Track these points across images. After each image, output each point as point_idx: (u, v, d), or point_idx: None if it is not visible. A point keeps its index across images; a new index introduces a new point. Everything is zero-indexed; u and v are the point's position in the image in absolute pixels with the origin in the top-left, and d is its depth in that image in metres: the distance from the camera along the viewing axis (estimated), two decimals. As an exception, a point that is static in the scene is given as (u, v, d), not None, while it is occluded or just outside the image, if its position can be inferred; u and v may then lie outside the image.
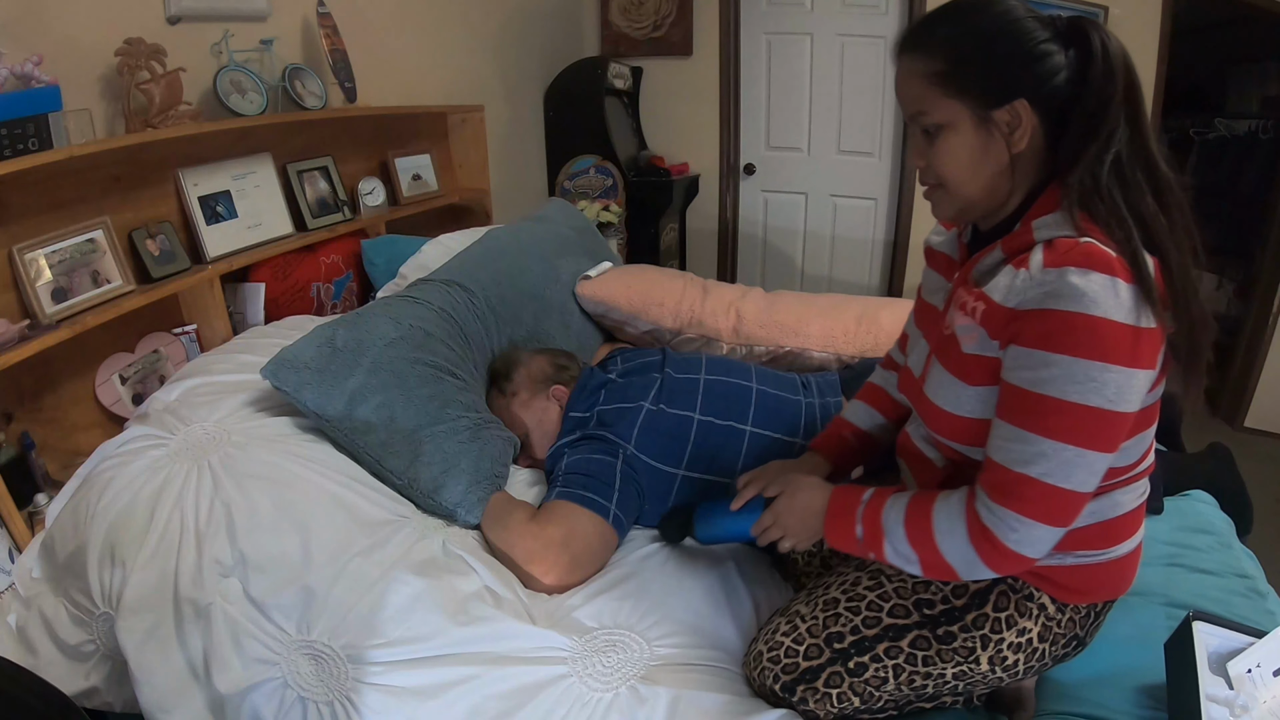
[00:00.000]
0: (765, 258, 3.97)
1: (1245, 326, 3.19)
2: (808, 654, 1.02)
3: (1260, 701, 0.95)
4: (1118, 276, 0.76)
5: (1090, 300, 0.75)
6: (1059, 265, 0.77)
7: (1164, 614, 1.21)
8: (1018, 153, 0.85)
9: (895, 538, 0.91)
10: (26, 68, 1.43)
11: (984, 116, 0.84)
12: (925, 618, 0.99)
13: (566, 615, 1.17)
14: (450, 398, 1.44)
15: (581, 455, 1.40)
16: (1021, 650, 0.97)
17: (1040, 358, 0.79)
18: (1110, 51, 0.81)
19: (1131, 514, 0.95)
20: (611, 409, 1.47)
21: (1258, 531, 1.63)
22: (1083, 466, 0.80)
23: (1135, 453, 0.91)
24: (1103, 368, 0.76)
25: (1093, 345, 0.76)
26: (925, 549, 0.89)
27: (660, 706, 1.02)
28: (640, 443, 1.41)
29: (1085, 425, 0.78)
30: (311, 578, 1.13)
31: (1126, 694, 1.09)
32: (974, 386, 0.87)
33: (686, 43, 3.67)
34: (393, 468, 1.34)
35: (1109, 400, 0.77)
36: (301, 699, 1.04)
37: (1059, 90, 0.83)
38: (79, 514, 1.27)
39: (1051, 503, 0.81)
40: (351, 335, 1.42)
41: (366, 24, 2.38)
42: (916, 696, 1.03)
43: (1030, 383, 0.80)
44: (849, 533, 0.96)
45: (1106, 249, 0.77)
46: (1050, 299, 0.77)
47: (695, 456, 1.42)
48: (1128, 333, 0.76)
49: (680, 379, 1.51)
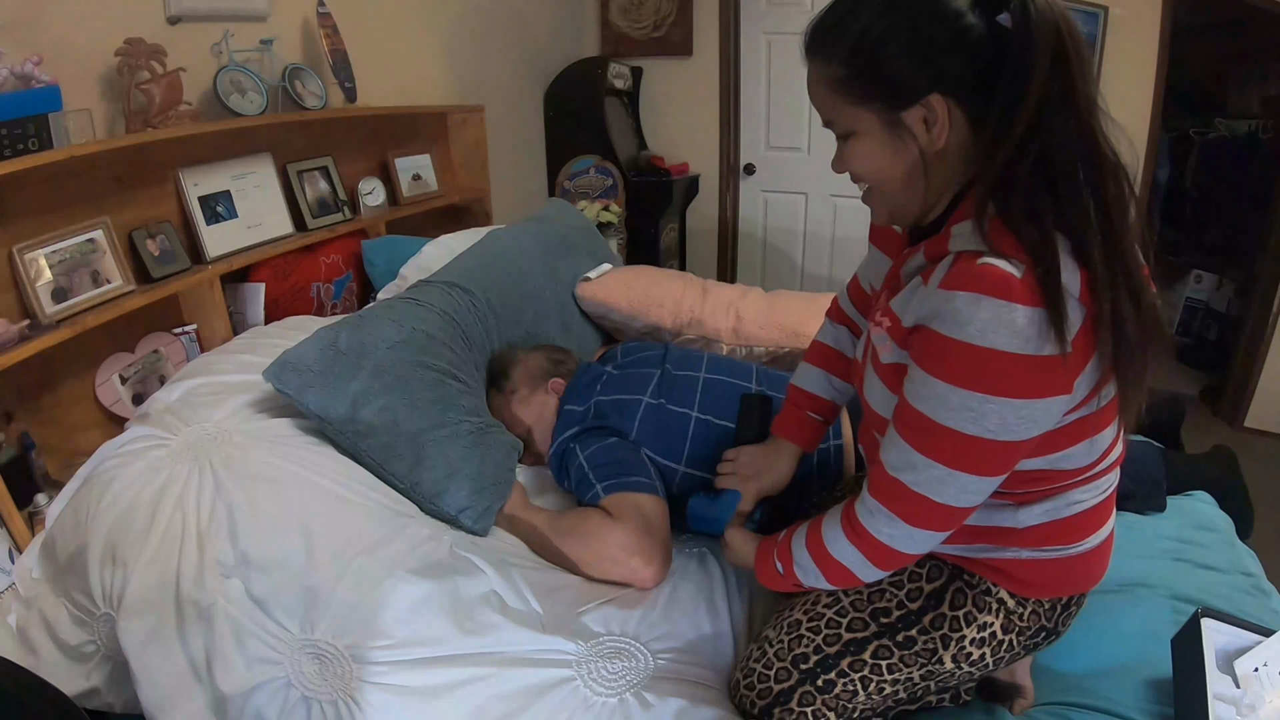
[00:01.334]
0: (765, 258, 3.97)
1: (1245, 326, 3.19)
2: (778, 677, 1.03)
3: (1267, 701, 0.94)
4: (1015, 301, 0.69)
5: (975, 329, 0.70)
6: (951, 288, 0.72)
7: (1170, 608, 1.21)
8: (940, 150, 0.78)
9: (801, 560, 0.94)
10: (26, 68, 1.42)
11: (893, 119, 0.77)
12: (883, 627, 0.99)
13: (574, 620, 1.17)
14: (453, 401, 1.43)
15: (596, 448, 1.39)
16: (986, 644, 0.96)
17: (920, 376, 0.76)
18: (1030, 14, 0.70)
19: (1093, 510, 0.91)
20: (610, 400, 1.46)
21: (1258, 531, 1.63)
22: (953, 485, 0.78)
23: (1086, 458, 0.85)
24: (982, 399, 0.72)
25: (971, 375, 0.72)
26: (822, 561, 0.91)
27: (665, 716, 1.02)
28: (641, 435, 1.41)
29: (958, 451, 0.75)
30: (315, 577, 1.12)
31: (1131, 687, 1.08)
32: (894, 393, 0.84)
33: (686, 43, 3.67)
34: (395, 471, 1.33)
35: (988, 430, 0.73)
36: (305, 698, 1.03)
37: (980, 71, 0.73)
38: (80, 514, 1.27)
39: (920, 510, 0.80)
40: (354, 338, 1.42)
41: (366, 24, 2.38)
42: (894, 702, 1.04)
43: (911, 396, 0.78)
44: (772, 572, 1.00)
45: (1009, 269, 0.70)
46: (936, 320, 0.73)
47: (694, 454, 1.41)
48: (1017, 363, 0.70)
49: (680, 375, 1.51)
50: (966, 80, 0.74)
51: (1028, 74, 0.70)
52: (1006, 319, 0.69)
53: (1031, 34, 0.70)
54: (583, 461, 1.38)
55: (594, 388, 1.51)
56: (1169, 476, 1.55)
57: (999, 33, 0.72)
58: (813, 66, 0.82)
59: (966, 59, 0.74)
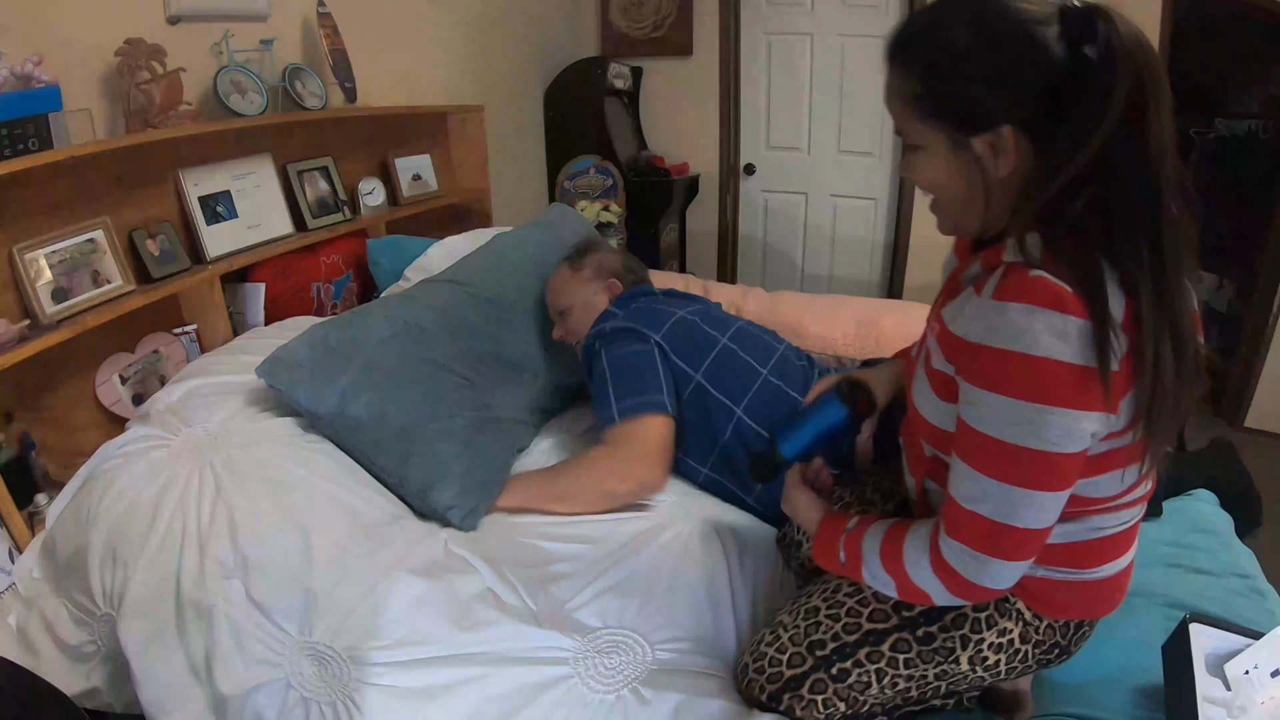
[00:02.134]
0: (765, 258, 3.97)
1: (1245, 326, 3.19)
2: (791, 662, 1.03)
3: (1258, 702, 0.95)
4: (1068, 312, 0.70)
5: (1031, 339, 0.70)
6: (1004, 299, 0.72)
7: (1163, 615, 1.21)
8: (1004, 177, 0.77)
9: (872, 565, 0.92)
10: (26, 68, 1.43)
11: (960, 142, 0.77)
12: (905, 620, 0.99)
13: (569, 615, 1.17)
14: (445, 394, 1.44)
15: (618, 353, 1.44)
16: (1003, 650, 0.97)
17: (978, 395, 0.76)
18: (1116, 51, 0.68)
19: (1114, 538, 0.90)
20: (645, 309, 1.55)
21: (1262, 527, 1.62)
22: (1030, 506, 0.77)
23: (1113, 488, 0.84)
24: (1041, 409, 0.72)
25: (1031, 387, 0.72)
26: (899, 576, 0.89)
27: (663, 711, 1.02)
28: (667, 336, 1.47)
29: (1026, 467, 0.75)
30: (313, 579, 1.13)
31: (1125, 695, 1.09)
32: (940, 399, 0.85)
33: (686, 43, 3.66)
34: (384, 467, 1.34)
35: (1052, 443, 0.73)
36: (304, 699, 1.04)
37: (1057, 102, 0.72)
38: (80, 514, 1.27)
39: (1002, 540, 0.79)
40: (345, 334, 1.43)
41: (366, 24, 2.38)
42: (903, 700, 1.04)
43: (975, 420, 0.77)
44: (833, 558, 0.98)
45: (1060, 283, 0.70)
46: (991, 334, 0.73)
47: (713, 370, 1.45)
48: (1072, 372, 0.70)
49: (718, 315, 1.61)
50: (1041, 111, 0.73)
51: (1100, 115, 0.69)
52: (1060, 328, 0.70)
53: (1115, 70, 0.68)
54: (605, 367, 1.44)
55: (636, 301, 1.60)
56: (1169, 479, 1.55)
57: (1082, 64, 0.71)
58: (890, 74, 0.81)
59: (1045, 91, 0.72)
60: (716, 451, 1.44)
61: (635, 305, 1.57)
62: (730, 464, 1.44)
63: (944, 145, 0.79)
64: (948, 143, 0.78)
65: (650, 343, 1.45)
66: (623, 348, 1.45)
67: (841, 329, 1.92)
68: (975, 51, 0.74)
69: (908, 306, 2.04)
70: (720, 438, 1.43)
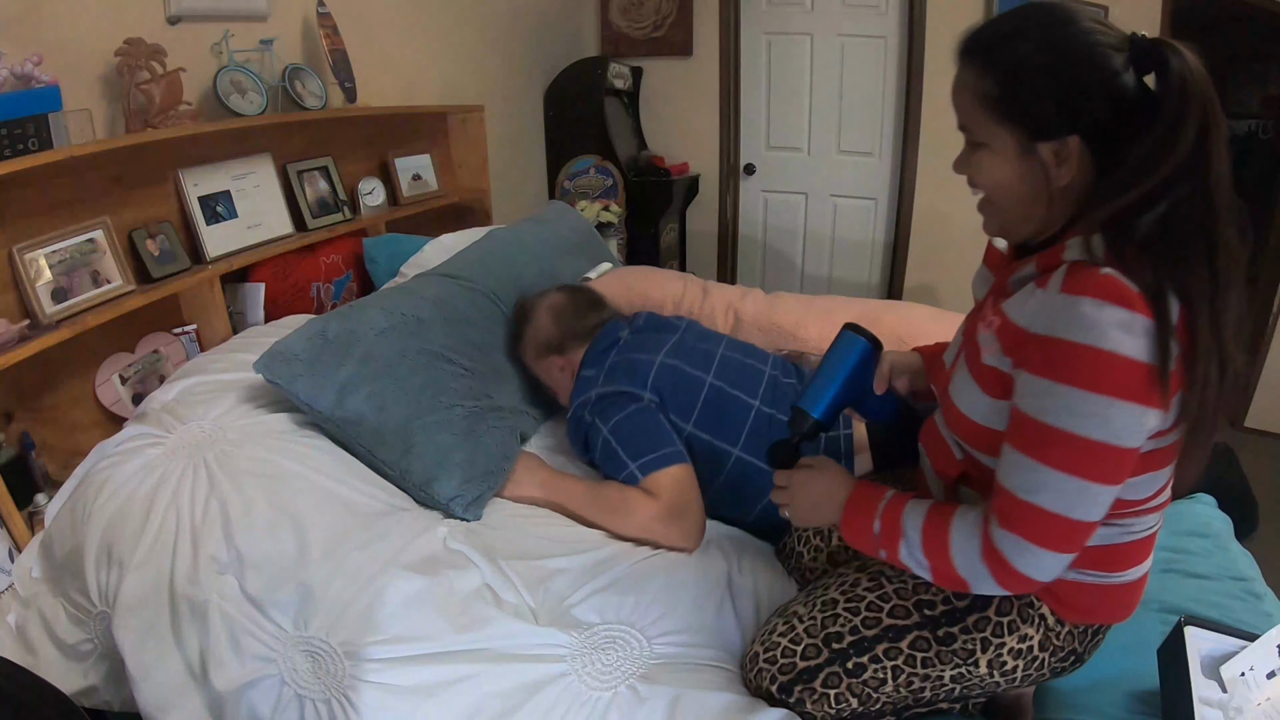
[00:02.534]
0: (765, 258, 3.97)
1: (1245, 327, 3.19)
2: (805, 654, 1.02)
3: (1254, 704, 0.95)
4: (1135, 310, 0.73)
5: (1100, 333, 0.73)
6: (1074, 293, 0.75)
7: (1159, 620, 1.21)
8: (1064, 185, 0.82)
9: (912, 542, 0.90)
10: (26, 68, 1.43)
11: (1029, 146, 0.81)
12: (926, 618, 0.99)
13: (567, 611, 1.16)
14: (445, 385, 1.44)
15: (618, 419, 1.38)
16: (1022, 657, 0.97)
17: (1045, 386, 0.77)
18: (1189, 85, 0.74)
19: (1139, 542, 0.92)
20: (623, 361, 1.47)
21: (1258, 531, 1.63)
22: (1086, 498, 0.79)
23: (1148, 489, 0.88)
24: (1108, 402, 0.74)
25: (1098, 379, 0.74)
26: (939, 559, 0.88)
27: (660, 706, 1.01)
28: (655, 389, 1.42)
29: (1088, 458, 0.77)
30: (308, 574, 1.13)
31: (1122, 700, 1.09)
32: (989, 397, 0.86)
33: (686, 43, 3.66)
34: (385, 459, 1.34)
35: (1114, 435, 0.76)
36: (299, 696, 1.04)
37: (1120, 123, 0.78)
38: (76, 513, 1.28)
39: (1056, 531, 0.80)
40: (342, 327, 1.43)
41: (366, 24, 2.38)
42: (914, 700, 1.03)
43: (1036, 411, 0.78)
44: (866, 528, 0.95)
45: (1127, 282, 0.74)
46: (1060, 327, 0.76)
47: (704, 417, 1.42)
48: (1139, 370, 0.73)
49: (695, 345, 1.53)
50: (1106, 130, 0.78)
51: (1174, 140, 0.74)
52: (1127, 324, 0.73)
53: (1187, 103, 0.74)
54: (608, 436, 1.38)
55: (609, 354, 1.50)
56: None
57: (1146, 92, 0.77)
58: (964, 71, 0.84)
59: (1112, 111, 0.78)
60: (714, 490, 1.43)
61: (610, 361, 1.48)
62: (731, 492, 1.43)
63: (1013, 148, 0.82)
64: (1016, 146, 0.82)
65: (644, 400, 1.42)
66: (620, 411, 1.40)
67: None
68: (1054, 65, 0.79)
69: (908, 306, 2.03)
70: (718, 479, 1.42)
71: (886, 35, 3.40)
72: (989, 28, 0.84)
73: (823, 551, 1.28)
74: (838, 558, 1.26)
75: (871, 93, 3.51)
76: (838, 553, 1.26)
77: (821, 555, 1.28)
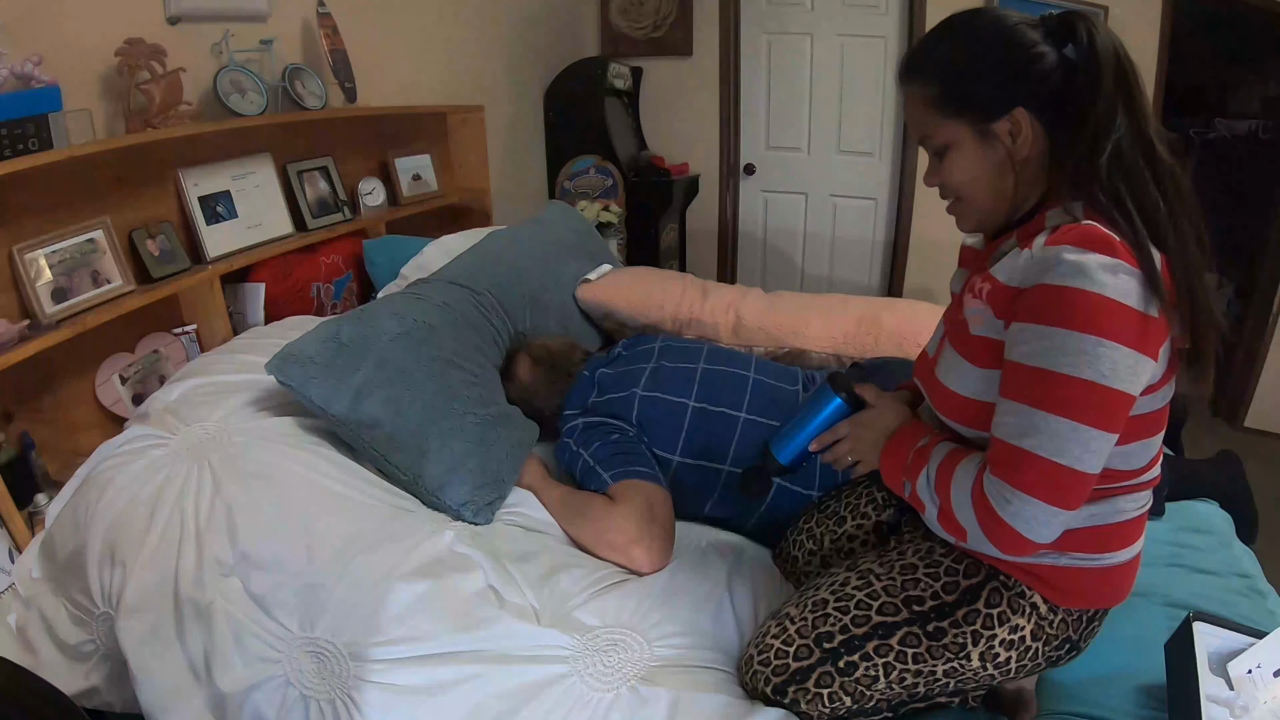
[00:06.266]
0: (765, 258, 3.97)
1: (1245, 326, 3.19)
2: (797, 655, 1.02)
3: (1260, 702, 0.95)
4: (1119, 258, 0.77)
5: (1085, 276, 0.77)
6: (1059, 243, 0.80)
7: (1164, 614, 1.21)
8: (1024, 158, 0.88)
9: (931, 474, 0.92)
10: (26, 68, 1.43)
11: (984, 130, 0.88)
12: (915, 614, 0.99)
13: (569, 614, 1.17)
14: (457, 392, 1.44)
15: (599, 444, 1.41)
16: (1014, 648, 0.97)
17: (1035, 330, 0.80)
18: (1096, 42, 0.83)
19: (1131, 522, 0.94)
20: (604, 400, 1.50)
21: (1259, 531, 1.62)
22: (1077, 441, 0.79)
23: (1141, 458, 0.90)
24: (1096, 341, 0.77)
25: (1086, 319, 0.77)
26: (945, 499, 0.90)
27: (660, 708, 1.02)
28: (638, 423, 1.44)
29: (1079, 398, 0.78)
30: (314, 575, 1.13)
31: (1127, 694, 1.09)
32: (979, 368, 0.89)
33: (686, 43, 3.67)
34: (399, 464, 1.34)
35: (1103, 375, 0.77)
36: (304, 697, 1.04)
37: (1055, 90, 0.85)
38: (79, 514, 1.27)
39: (1046, 477, 0.80)
40: (356, 331, 1.43)
41: (366, 24, 2.38)
42: (909, 695, 1.03)
43: (1026, 356, 0.81)
44: (901, 456, 0.97)
45: (1108, 232, 0.79)
46: (1046, 274, 0.79)
47: (689, 442, 1.43)
48: (1127, 313, 0.77)
49: (674, 368, 1.53)
50: (1044, 97, 0.86)
51: (1096, 85, 0.83)
52: (1111, 267, 0.77)
53: (1098, 56, 0.83)
54: (586, 458, 1.40)
55: (590, 393, 1.54)
56: (1173, 482, 1.54)
57: (1068, 60, 0.85)
58: (909, 90, 0.93)
59: (1041, 79, 0.86)
60: (708, 507, 1.44)
61: (591, 401, 1.52)
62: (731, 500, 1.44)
63: (970, 136, 0.89)
64: (973, 133, 0.89)
65: (629, 432, 1.44)
66: (602, 438, 1.43)
67: (841, 327, 1.91)
68: (979, 51, 0.88)
69: (908, 305, 2.03)
70: (711, 495, 1.44)
71: (886, 35, 3.41)
72: (918, 47, 0.93)
73: (816, 555, 1.29)
74: (831, 560, 1.26)
75: (871, 93, 3.51)
76: (831, 556, 1.27)
77: (815, 558, 1.29)
